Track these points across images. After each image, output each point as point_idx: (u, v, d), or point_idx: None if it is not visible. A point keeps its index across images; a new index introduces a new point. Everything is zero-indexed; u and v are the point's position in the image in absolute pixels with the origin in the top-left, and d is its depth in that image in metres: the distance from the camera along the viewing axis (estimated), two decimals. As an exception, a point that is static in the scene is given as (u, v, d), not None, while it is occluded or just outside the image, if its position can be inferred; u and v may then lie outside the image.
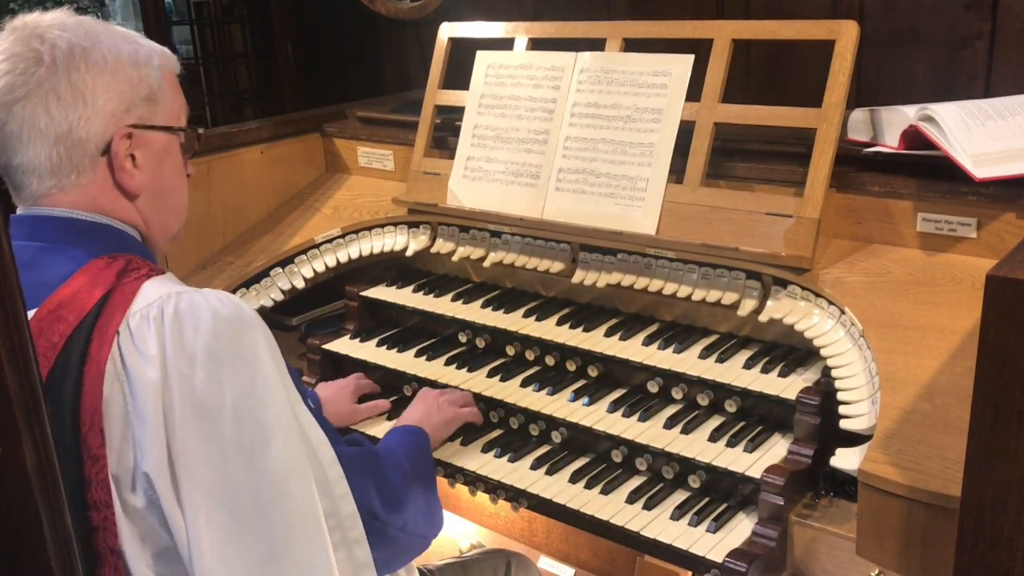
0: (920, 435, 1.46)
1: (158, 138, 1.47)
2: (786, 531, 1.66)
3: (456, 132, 2.41)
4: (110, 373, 1.24)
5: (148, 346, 1.24)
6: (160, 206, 1.51)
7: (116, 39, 1.43)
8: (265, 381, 1.28)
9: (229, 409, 1.24)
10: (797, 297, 1.91)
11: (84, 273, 1.32)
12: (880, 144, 1.96)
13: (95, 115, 1.38)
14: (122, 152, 1.42)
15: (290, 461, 1.29)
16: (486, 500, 2.00)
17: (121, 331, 1.25)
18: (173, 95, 1.50)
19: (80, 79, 1.37)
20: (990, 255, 1.77)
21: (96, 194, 1.42)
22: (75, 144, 1.38)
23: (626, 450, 1.93)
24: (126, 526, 1.25)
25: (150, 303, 1.27)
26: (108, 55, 1.40)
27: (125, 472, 1.25)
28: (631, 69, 2.15)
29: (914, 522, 1.38)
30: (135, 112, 1.43)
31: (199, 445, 1.23)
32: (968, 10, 2.37)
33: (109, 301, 1.28)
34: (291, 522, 1.27)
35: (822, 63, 1.93)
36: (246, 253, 2.58)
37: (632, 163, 2.10)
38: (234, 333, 1.27)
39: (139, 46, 1.46)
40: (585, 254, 2.20)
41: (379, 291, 2.48)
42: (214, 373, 1.24)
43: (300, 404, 1.36)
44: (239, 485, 1.25)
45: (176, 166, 1.53)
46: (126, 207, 1.46)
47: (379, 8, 2.80)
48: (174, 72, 1.53)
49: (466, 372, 2.19)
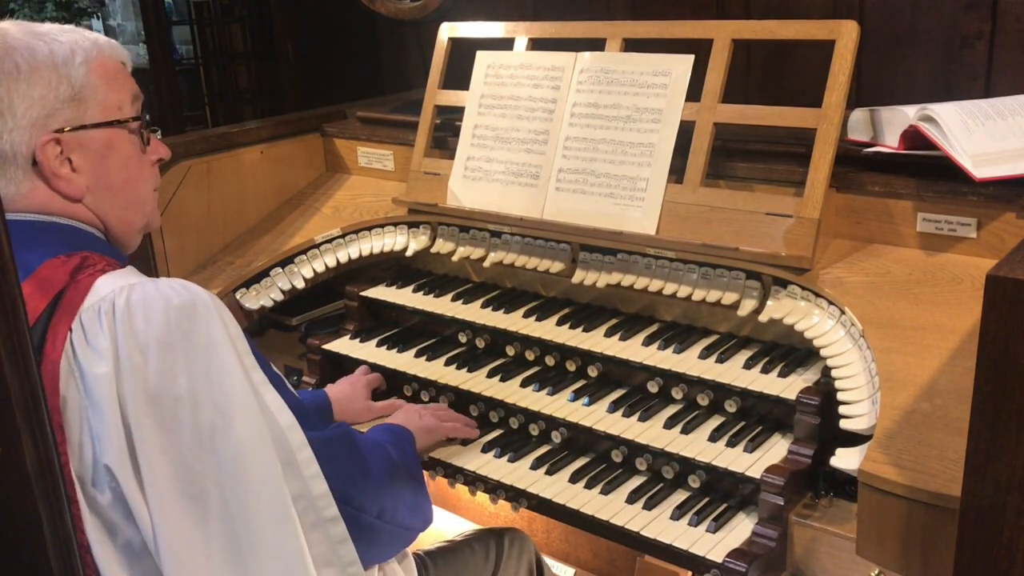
0: (920, 435, 1.46)
1: (95, 136, 1.43)
2: (786, 531, 1.66)
3: (456, 132, 2.41)
4: (64, 371, 1.24)
5: (99, 340, 1.24)
6: (113, 203, 1.47)
7: (31, 42, 1.38)
8: (222, 366, 1.27)
9: (185, 397, 1.24)
10: (797, 297, 1.91)
11: (39, 273, 1.31)
12: (880, 144, 1.96)
13: (15, 127, 1.35)
14: (51, 160, 1.38)
15: (251, 445, 1.28)
16: (486, 500, 2.00)
17: (74, 328, 1.25)
18: (107, 87, 1.44)
19: None
20: (990, 255, 1.77)
21: (42, 200, 1.40)
22: (3, 159, 1.36)
23: (626, 450, 1.93)
24: (91, 521, 1.26)
25: (102, 297, 1.27)
26: (21, 62, 1.36)
27: (86, 468, 1.25)
28: (631, 69, 2.15)
29: (914, 522, 1.38)
30: (59, 116, 1.38)
31: (157, 435, 1.23)
32: (968, 10, 2.37)
33: (62, 300, 1.27)
34: (256, 507, 1.27)
35: (822, 63, 1.93)
36: (246, 253, 2.58)
37: (632, 163, 2.10)
38: (186, 321, 1.26)
39: (58, 44, 1.39)
40: (585, 254, 2.20)
41: (379, 291, 2.48)
42: (167, 362, 1.24)
43: (266, 386, 1.34)
44: (200, 472, 1.25)
45: (124, 159, 1.48)
46: (77, 209, 1.44)
47: (379, 8, 2.80)
48: (109, 62, 1.45)
49: (466, 372, 2.19)
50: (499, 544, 1.99)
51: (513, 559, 1.99)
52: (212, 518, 1.25)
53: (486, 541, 1.98)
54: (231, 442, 1.26)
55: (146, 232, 1.60)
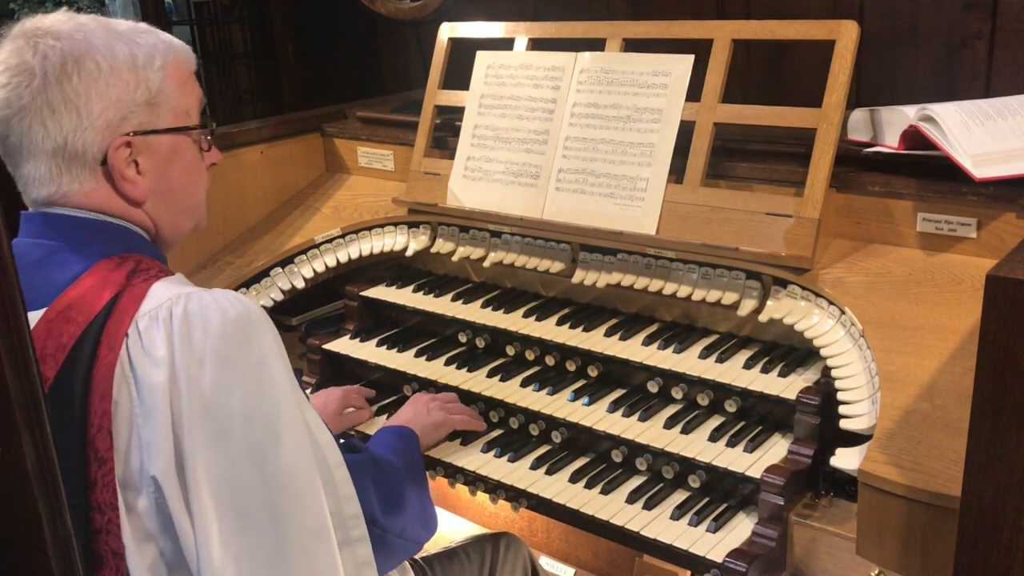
0: (920, 435, 1.46)
1: (163, 141, 1.43)
2: (786, 531, 1.66)
3: (456, 132, 2.41)
4: (119, 376, 1.23)
5: (156, 348, 1.23)
6: (170, 207, 1.48)
7: (113, 42, 1.37)
8: (274, 382, 1.27)
9: (239, 411, 1.23)
10: (797, 297, 1.91)
11: (93, 274, 1.31)
12: (880, 144, 1.96)
13: (90, 126, 1.35)
14: (121, 162, 1.38)
15: (299, 462, 1.28)
16: (486, 500, 2.00)
17: (130, 333, 1.24)
18: (180, 93, 1.44)
19: (72, 90, 1.33)
20: (990, 255, 1.77)
21: (101, 200, 1.40)
22: (72, 157, 1.36)
23: (626, 450, 1.93)
24: (129, 529, 1.25)
25: (159, 304, 1.26)
26: (102, 62, 1.35)
27: (131, 475, 1.24)
28: (631, 69, 2.15)
29: (914, 522, 1.38)
30: (133, 119, 1.38)
31: (208, 447, 1.22)
32: (968, 10, 2.37)
33: (118, 303, 1.27)
34: (300, 523, 1.27)
35: (822, 63, 1.93)
36: (246, 253, 2.58)
37: (632, 163, 2.10)
38: (243, 334, 1.26)
39: (138, 46, 1.39)
40: (585, 254, 2.20)
41: (379, 291, 2.48)
42: (223, 375, 1.23)
43: (307, 405, 1.35)
44: (248, 486, 1.24)
45: (187, 164, 1.49)
46: (134, 211, 1.44)
47: (379, 8, 2.80)
48: (182, 67, 1.46)
49: (466, 372, 2.19)
50: (494, 549, 1.99)
51: (508, 563, 1.99)
52: (255, 533, 1.24)
53: (481, 546, 1.98)
54: (280, 458, 1.26)
55: (195, 233, 1.61)
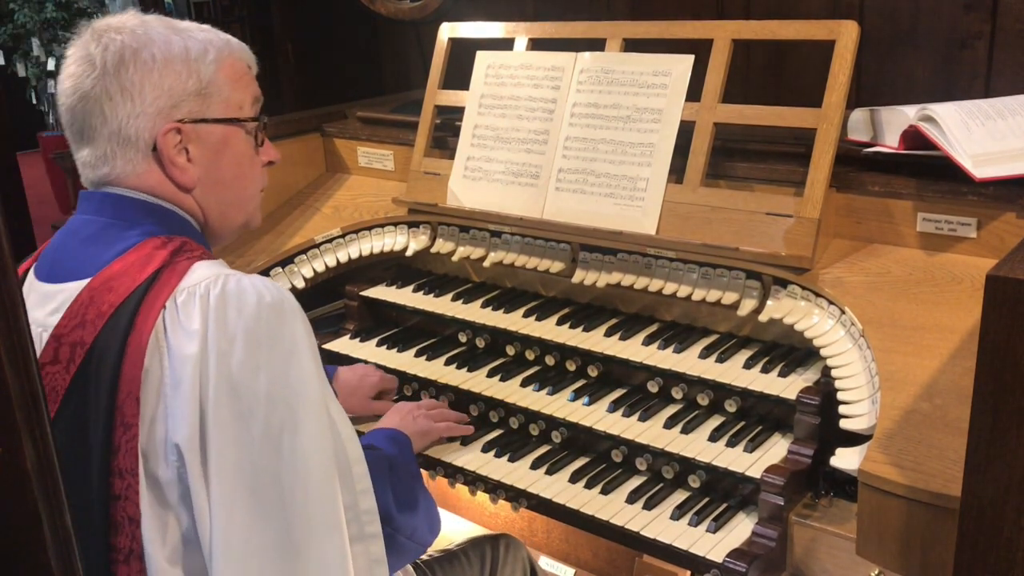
0: (920, 435, 1.46)
1: (213, 131, 1.48)
2: (786, 531, 1.66)
3: (456, 132, 2.41)
4: (152, 345, 1.27)
5: (192, 322, 1.27)
6: (220, 198, 1.53)
7: (170, 36, 1.45)
8: (301, 370, 1.30)
9: (263, 391, 1.27)
10: (797, 297, 1.91)
11: (140, 249, 1.36)
12: (880, 144, 1.96)
13: (142, 112, 1.42)
14: (170, 147, 1.44)
15: (316, 451, 1.30)
16: (486, 500, 2.00)
17: (168, 305, 1.29)
18: (232, 87, 1.50)
19: (129, 79, 1.41)
20: (990, 255, 1.77)
21: (153, 183, 1.46)
22: (126, 141, 1.43)
23: (626, 450, 1.93)
24: (147, 497, 1.28)
25: (199, 282, 1.30)
26: (157, 53, 1.43)
27: (155, 444, 1.27)
28: (631, 69, 2.15)
29: (914, 522, 1.38)
30: (184, 107, 1.44)
31: (231, 423, 1.25)
32: (968, 10, 2.37)
33: (160, 277, 1.32)
34: (310, 510, 1.29)
35: (822, 63, 1.93)
36: (246, 253, 2.58)
37: (632, 163, 2.10)
38: (275, 319, 1.30)
39: (193, 41, 1.46)
40: (585, 254, 2.20)
41: (379, 291, 2.49)
42: (252, 354, 1.27)
43: (333, 399, 1.38)
44: (263, 467, 1.27)
45: (238, 157, 1.53)
46: (184, 198, 1.49)
47: (379, 8, 2.80)
48: (238, 64, 1.52)
49: (466, 372, 2.19)
50: (494, 550, 1.99)
51: (508, 565, 1.99)
52: (268, 515, 1.27)
53: (481, 548, 1.99)
54: (298, 443, 1.28)
55: (245, 230, 1.66)
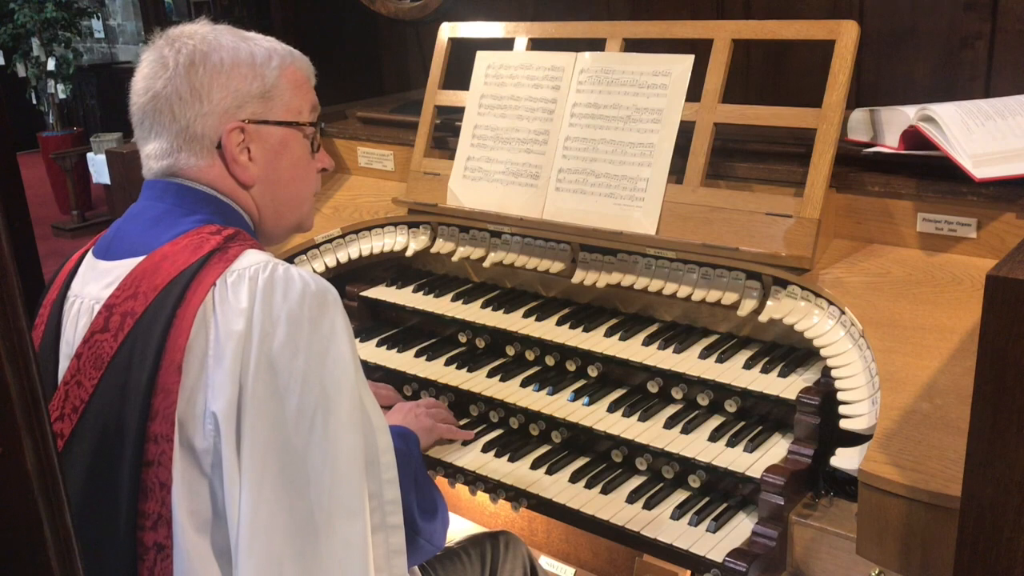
0: (920, 435, 1.46)
1: (274, 132, 1.55)
2: (786, 531, 1.66)
3: (456, 132, 2.41)
4: (199, 319, 1.32)
5: (240, 301, 1.33)
6: (275, 197, 1.59)
7: (238, 43, 1.53)
8: (338, 357, 1.34)
9: (300, 372, 1.31)
10: (797, 297, 1.91)
11: (197, 233, 1.43)
12: (880, 144, 1.96)
13: (210, 112, 1.49)
14: (234, 145, 1.51)
15: (346, 435, 1.33)
16: (486, 500, 2.00)
17: (218, 284, 1.34)
18: (293, 93, 1.57)
19: (199, 80, 1.48)
20: (990, 255, 1.77)
21: (215, 177, 1.52)
22: (192, 138, 1.49)
23: (626, 450, 1.93)
24: (180, 465, 1.31)
25: (250, 265, 1.36)
26: (226, 57, 1.50)
27: (193, 415, 1.31)
28: (631, 69, 2.15)
29: (914, 522, 1.38)
30: (248, 108, 1.51)
31: (266, 399, 1.30)
32: (968, 10, 2.37)
33: (212, 258, 1.38)
34: (336, 494, 1.32)
35: (822, 63, 1.93)
36: (246, 253, 2.58)
37: (632, 163, 2.10)
38: (318, 307, 1.34)
39: (259, 47, 1.54)
40: (585, 254, 2.20)
41: (379, 291, 2.49)
42: (292, 336, 1.31)
43: (367, 389, 1.41)
44: (295, 445, 1.30)
45: (295, 159, 1.59)
46: (242, 194, 1.55)
47: (379, 8, 2.80)
48: (299, 73, 1.60)
49: (466, 372, 2.19)
50: (494, 548, 1.99)
51: (508, 562, 1.99)
52: (294, 493, 1.30)
53: (481, 546, 1.99)
54: (329, 427, 1.32)
55: (297, 232, 1.72)
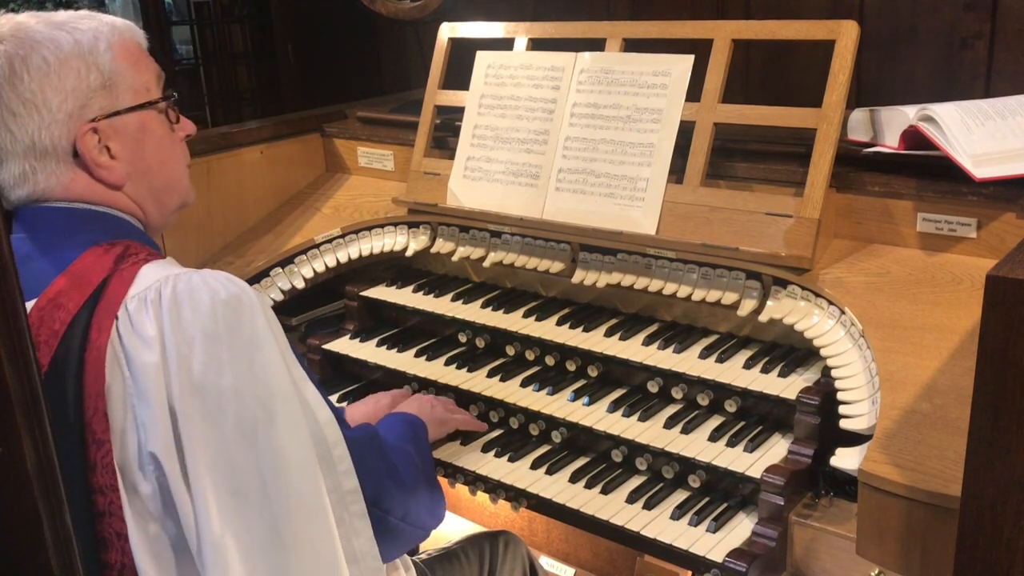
0: (920, 435, 1.46)
1: (128, 121, 1.44)
2: (786, 531, 1.66)
3: (456, 132, 2.41)
4: (111, 357, 1.25)
5: (146, 329, 1.25)
6: (151, 187, 1.49)
7: (54, 34, 1.38)
8: (266, 362, 1.29)
9: (229, 390, 1.25)
10: (797, 297, 1.91)
11: (82, 261, 1.32)
12: (880, 144, 1.96)
13: (52, 121, 1.37)
14: (92, 149, 1.40)
15: (293, 441, 1.29)
16: (486, 500, 2.00)
17: (120, 315, 1.26)
18: (133, 70, 1.45)
19: (27, 89, 1.35)
20: (990, 255, 1.77)
21: (82, 190, 1.42)
22: (43, 154, 1.38)
23: (626, 450, 1.93)
24: (130, 511, 1.26)
25: (148, 286, 1.28)
26: (49, 55, 1.36)
27: (130, 458, 1.26)
28: (631, 69, 2.15)
29: (914, 522, 1.38)
30: (93, 105, 1.39)
31: (201, 427, 1.24)
32: (968, 10, 2.37)
33: (107, 287, 1.28)
34: (294, 501, 1.29)
35: (822, 63, 1.93)
36: (246, 253, 2.58)
37: (632, 163, 2.10)
38: (232, 314, 1.27)
39: (80, 32, 1.40)
40: (585, 254, 2.20)
41: (379, 291, 2.48)
42: (213, 355, 1.25)
43: (305, 381, 1.36)
44: (242, 465, 1.26)
45: (158, 140, 1.49)
46: (116, 197, 1.45)
47: (379, 8, 2.80)
48: (130, 44, 1.46)
49: (466, 372, 2.19)
50: (493, 547, 1.99)
51: (508, 562, 1.99)
52: (252, 511, 1.26)
53: (480, 546, 1.99)
54: (273, 436, 1.28)
55: (183, 209, 1.61)
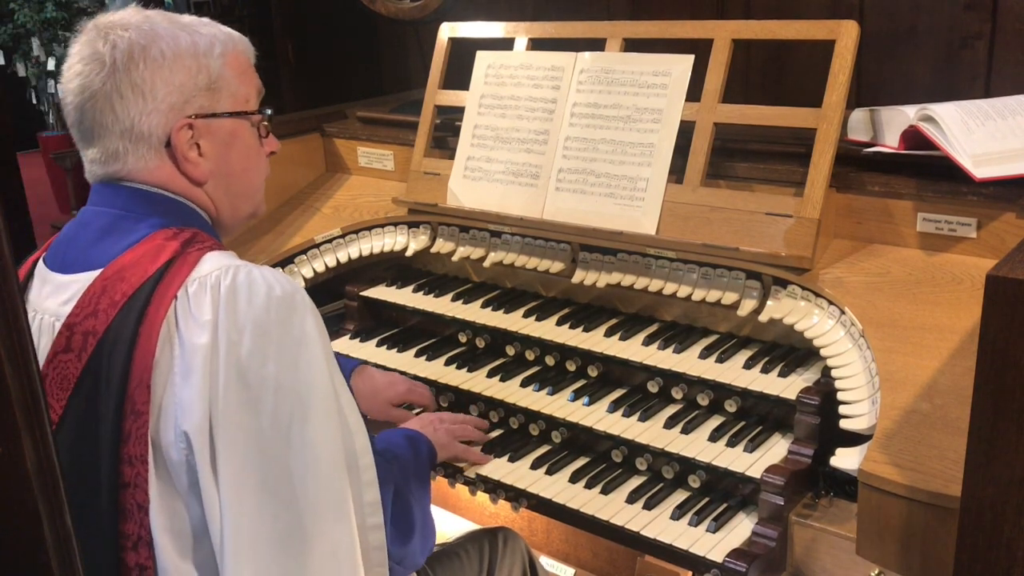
0: (920, 435, 1.46)
1: (223, 124, 1.50)
2: (786, 531, 1.66)
3: (456, 132, 2.41)
4: (163, 334, 1.28)
5: (203, 312, 1.29)
6: (229, 190, 1.54)
7: (176, 32, 1.45)
8: (310, 361, 1.32)
9: (271, 381, 1.28)
10: (797, 297, 1.91)
11: (151, 240, 1.38)
12: (880, 144, 1.96)
13: (155, 109, 1.42)
14: (184, 143, 1.46)
15: (325, 441, 1.31)
16: (486, 500, 2.00)
17: (179, 295, 1.30)
18: (238, 80, 1.51)
19: (140, 76, 1.41)
20: (990, 255, 1.77)
21: (165, 178, 1.47)
22: (139, 138, 1.43)
23: (626, 450, 1.93)
24: (156, 485, 1.29)
25: (210, 272, 1.32)
26: (167, 49, 1.43)
27: (165, 432, 1.28)
28: (631, 69, 2.15)
29: (914, 522, 1.38)
30: (195, 102, 1.46)
31: (239, 412, 1.27)
32: (968, 10, 2.37)
33: (171, 267, 1.33)
34: (319, 499, 1.30)
35: (822, 63, 1.93)
36: (246, 253, 2.58)
37: (632, 163, 2.10)
38: (285, 311, 1.31)
39: (199, 36, 1.47)
40: (585, 254, 2.20)
41: (379, 291, 2.48)
42: (261, 345, 1.28)
43: (344, 389, 1.39)
44: (273, 456, 1.28)
45: (245, 149, 1.55)
46: (196, 191, 1.50)
47: (379, 8, 2.80)
48: (241, 57, 1.54)
49: (466, 372, 2.19)
50: (492, 544, 1.99)
51: (507, 559, 1.99)
52: (277, 503, 1.28)
53: (479, 542, 1.99)
54: (307, 433, 1.30)
55: (252, 219, 1.67)
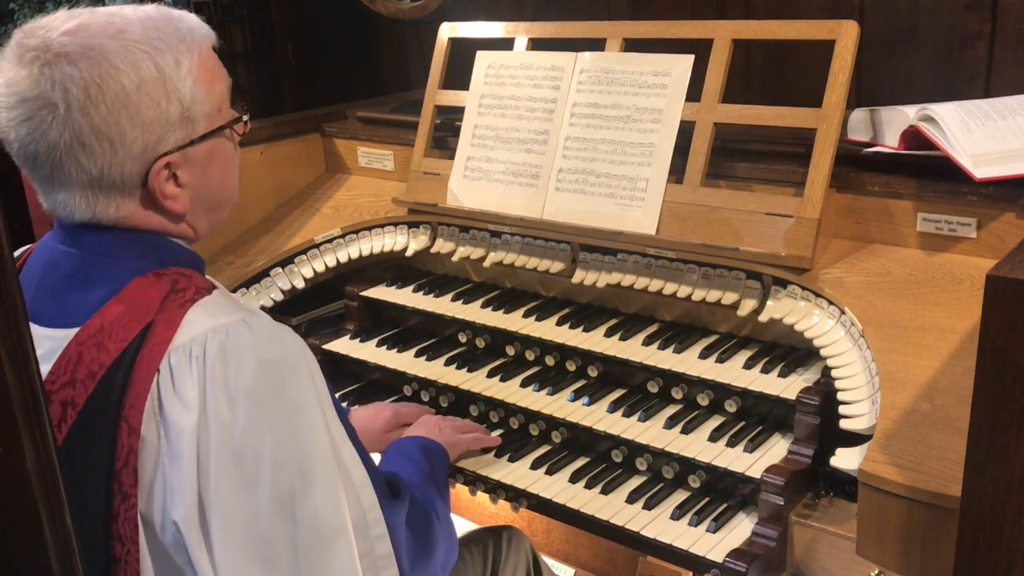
0: (920, 435, 1.46)
1: (201, 148, 1.36)
2: (786, 531, 1.66)
3: (456, 132, 2.41)
4: (148, 412, 1.20)
5: (187, 389, 1.20)
6: (208, 207, 1.43)
7: (131, 53, 1.26)
8: (308, 428, 1.24)
9: (268, 457, 1.20)
10: (797, 297, 1.91)
11: (127, 295, 1.26)
12: (880, 144, 1.96)
13: (126, 157, 1.28)
14: (161, 181, 1.32)
15: (330, 508, 1.25)
16: (486, 500, 2.00)
17: (161, 369, 1.20)
18: (207, 90, 1.34)
19: (101, 119, 1.24)
20: (990, 255, 1.77)
21: (139, 220, 1.35)
22: (110, 187, 1.30)
23: (626, 450, 1.93)
24: (149, 560, 1.23)
25: (193, 338, 1.22)
26: (128, 84, 1.25)
27: (154, 513, 1.22)
28: (631, 69, 2.15)
29: (914, 522, 1.38)
30: (169, 139, 1.31)
31: (235, 494, 1.19)
32: (968, 10, 2.37)
33: (151, 333, 1.22)
34: (327, 569, 1.24)
35: (822, 63, 1.93)
36: (246, 253, 2.58)
37: (632, 163, 2.10)
38: (277, 378, 1.22)
39: (160, 53, 1.28)
40: (585, 254, 2.20)
41: (379, 291, 2.48)
42: (255, 419, 1.19)
43: (343, 439, 1.31)
44: (276, 534, 1.21)
45: (223, 160, 1.42)
46: (173, 225, 1.39)
47: (379, 8, 2.80)
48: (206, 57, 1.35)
49: (466, 372, 2.19)
50: (496, 544, 1.99)
51: (511, 558, 1.99)
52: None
53: (483, 542, 1.98)
54: (309, 506, 1.22)
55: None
